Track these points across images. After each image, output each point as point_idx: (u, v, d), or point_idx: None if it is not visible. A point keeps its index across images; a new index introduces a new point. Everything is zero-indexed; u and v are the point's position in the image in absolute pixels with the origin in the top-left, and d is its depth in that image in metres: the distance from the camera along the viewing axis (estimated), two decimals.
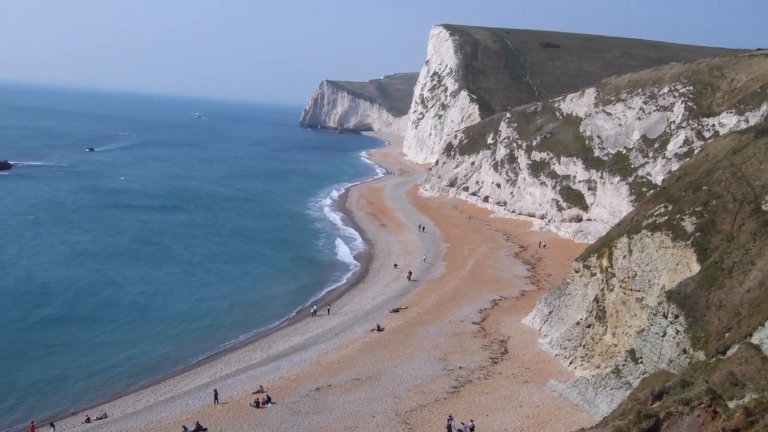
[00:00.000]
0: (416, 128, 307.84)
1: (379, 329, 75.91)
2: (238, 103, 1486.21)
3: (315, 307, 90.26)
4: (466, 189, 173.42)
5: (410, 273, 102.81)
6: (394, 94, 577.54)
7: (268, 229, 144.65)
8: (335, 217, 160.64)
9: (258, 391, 58.74)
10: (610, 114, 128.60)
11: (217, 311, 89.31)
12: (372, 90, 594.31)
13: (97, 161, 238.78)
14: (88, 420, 56.76)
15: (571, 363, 62.35)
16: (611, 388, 50.20)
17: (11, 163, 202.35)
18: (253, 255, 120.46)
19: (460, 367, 63.47)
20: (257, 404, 55.97)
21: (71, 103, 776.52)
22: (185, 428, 51.78)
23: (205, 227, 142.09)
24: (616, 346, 57.58)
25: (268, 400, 56.50)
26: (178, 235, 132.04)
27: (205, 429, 52.19)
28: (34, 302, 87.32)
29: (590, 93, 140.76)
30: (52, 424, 55.36)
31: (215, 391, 58.34)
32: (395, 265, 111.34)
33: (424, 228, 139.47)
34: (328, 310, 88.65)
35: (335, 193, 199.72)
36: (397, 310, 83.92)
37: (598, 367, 57.85)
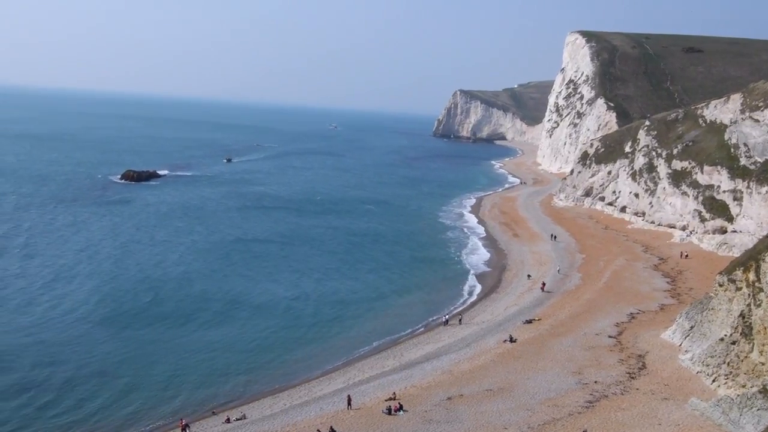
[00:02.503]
0: (551, 137, 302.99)
1: (511, 340, 75.13)
2: (373, 113, 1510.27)
3: (447, 316, 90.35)
4: (603, 199, 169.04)
5: (544, 284, 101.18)
6: (528, 103, 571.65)
7: (402, 236, 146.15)
8: (468, 226, 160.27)
9: (390, 398, 59.29)
10: (757, 121, 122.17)
11: (351, 317, 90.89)
12: (505, 99, 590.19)
13: (236, 171, 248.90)
14: (228, 420, 58.93)
15: (714, 381, 59.59)
16: (758, 409, 47.68)
17: (160, 173, 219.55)
18: (386, 262, 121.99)
19: (596, 382, 61.83)
20: (389, 411, 56.48)
21: (215, 115, 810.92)
22: None
23: (340, 233, 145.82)
24: (764, 364, 54.62)
25: (400, 407, 56.93)
26: (315, 241, 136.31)
27: None
28: (189, 304, 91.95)
29: (736, 99, 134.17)
30: (188, 425, 57.65)
31: (348, 396, 59.36)
32: (528, 276, 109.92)
33: (555, 237, 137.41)
34: (460, 319, 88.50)
35: (468, 203, 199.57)
36: (530, 321, 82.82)
37: (743, 386, 54.99)
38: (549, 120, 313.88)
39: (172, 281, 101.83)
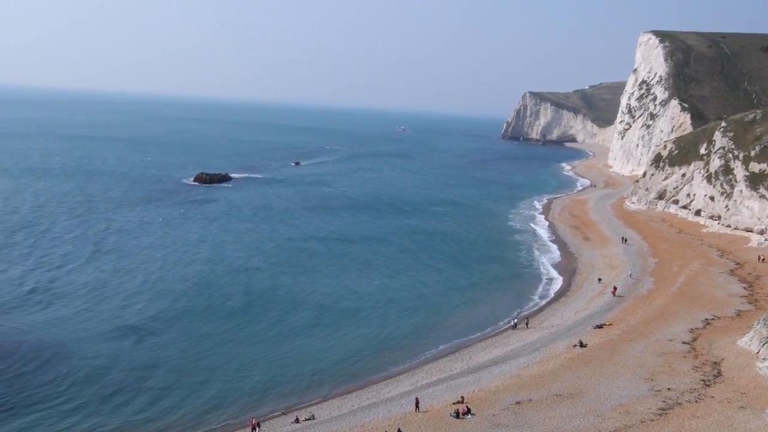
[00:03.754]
0: (622, 139, 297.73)
1: (581, 345, 74.13)
2: (441, 116, 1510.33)
3: (515, 319, 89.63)
4: (676, 202, 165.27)
5: (615, 288, 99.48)
6: (599, 104, 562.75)
7: (470, 238, 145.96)
8: (537, 229, 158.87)
9: (458, 402, 59.12)
10: None
11: (418, 320, 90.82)
12: (576, 100, 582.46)
13: (306, 174, 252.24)
14: (297, 420, 59.62)
15: None
16: None
17: (231, 176, 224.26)
18: (453, 264, 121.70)
19: (669, 389, 60.50)
20: (457, 415, 56.33)
21: (284, 118, 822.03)
22: None
23: (408, 234, 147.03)
24: None
25: (468, 411, 56.73)
26: (384, 241, 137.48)
27: None
28: (260, 304, 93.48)
29: None
30: (258, 423, 58.41)
31: (416, 399, 59.40)
32: (599, 280, 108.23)
33: (626, 240, 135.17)
34: (527, 323, 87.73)
35: (537, 205, 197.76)
36: (600, 326, 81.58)
37: None
38: (621, 121, 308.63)
39: (244, 281, 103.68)
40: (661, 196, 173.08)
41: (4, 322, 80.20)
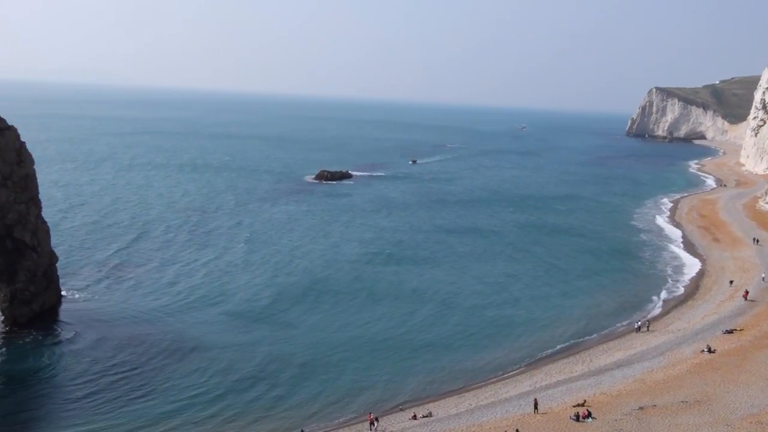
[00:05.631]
0: (756, 136, 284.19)
1: (709, 350, 71.23)
2: (562, 113, 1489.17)
3: (639, 322, 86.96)
4: None
5: (747, 292, 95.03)
6: (730, 100, 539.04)
7: (592, 236, 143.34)
8: (663, 229, 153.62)
9: (579, 405, 57.89)
10: None
11: (537, 319, 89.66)
12: (705, 96, 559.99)
13: (424, 172, 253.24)
14: (414, 417, 59.84)
15: None
16: None
17: (352, 173, 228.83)
18: (574, 262, 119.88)
19: None
20: (577, 418, 55.16)
21: (407, 116, 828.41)
22: None
23: (532, 231, 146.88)
24: None
25: (589, 414, 55.45)
26: (505, 236, 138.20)
27: None
28: (381, 298, 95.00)
29: None
30: (376, 419, 58.82)
31: (535, 400, 58.52)
32: (731, 282, 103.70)
33: (758, 241, 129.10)
34: (648, 326, 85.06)
35: (663, 204, 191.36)
36: (730, 332, 78.14)
37: None
38: (754, 117, 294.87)
39: (371, 276, 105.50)
40: None
41: (149, 315, 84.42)
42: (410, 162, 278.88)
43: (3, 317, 78.48)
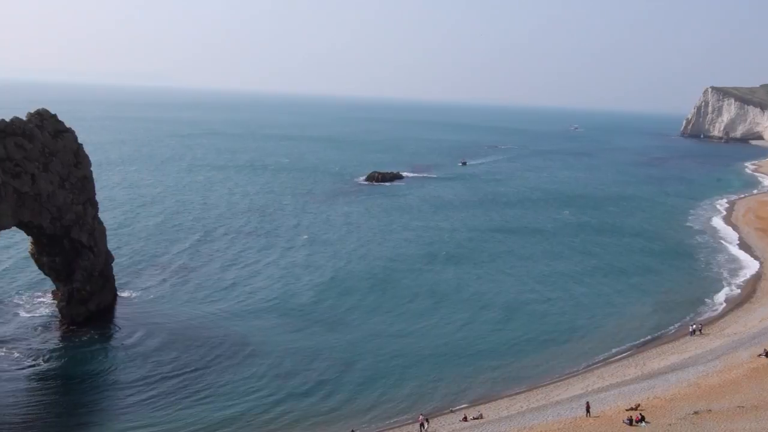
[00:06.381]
0: None
1: (767, 355, 69.78)
2: (615, 113, 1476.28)
3: (694, 325, 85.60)
4: None
5: None
6: None
7: (646, 237, 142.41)
8: (719, 230, 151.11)
9: (632, 408, 57.21)
10: None
11: (590, 321, 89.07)
12: (763, 95, 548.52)
13: (475, 173, 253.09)
14: (465, 419, 59.82)
15: None
16: None
17: (403, 174, 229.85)
18: (627, 263, 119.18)
19: None
20: (630, 422, 54.51)
21: (456, 117, 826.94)
22: None
23: (586, 231, 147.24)
24: None
25: (642, 418, 54.76)
26: (563, 238, 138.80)
27: None
28: (435, 299, 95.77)
29: None
30: (427, 419, 58.94)
31: (587, 403, 58.00)
32: None
33: None
34: (700, 329, 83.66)
35: (719, 206, 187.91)
36: None
37: None
38: None
39: (429, 278, 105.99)
40: None
41: (211, 316, 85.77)
42: (460, 164, 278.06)
43: (60, 316, 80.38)
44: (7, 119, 76.36)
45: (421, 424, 58.01)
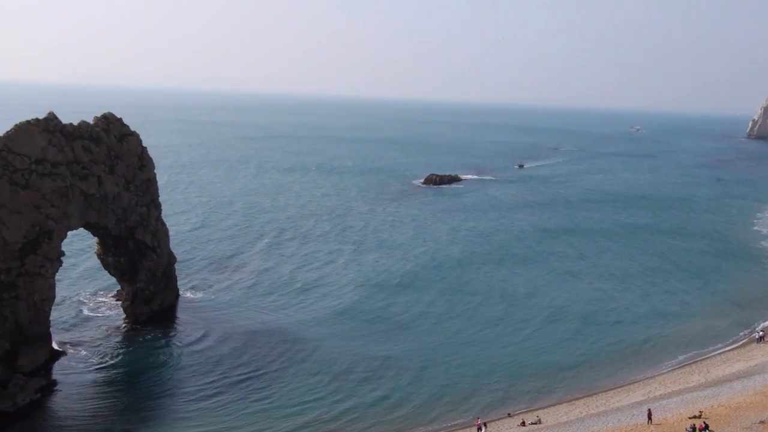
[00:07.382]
0: None
1: None
2: (677, 114, 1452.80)
3: (761, 332, 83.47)
4: None
5: None
6: None
7: (710, 241, 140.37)
8: None
9: (695, 416, 56.01)
10: None
11: (654, 327, 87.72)
12: None
13: (535, 176, 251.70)
14: (523, 424, 59.38)
15: None
16: None
17: (461, 177, 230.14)
18: (693, 269, 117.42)
19: None
20: (693, 430, 53.35)
21: (514, 119, 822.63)
22: None
23: (651, 234, 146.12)
24: None
25: (706, 427, 53.54)
26: (623, 238, 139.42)
27: None
28: (499, 302, 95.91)
29: None
30: (484, 424, 58.65)
31: (649, 410, 56.97)
32: None
33: None
34: (763, 336, 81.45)
35: None
36: None
37: None
38: None
39: (498, 284, 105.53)
40: None
41: (267, 316, 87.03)
42: (516, 167, 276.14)
43: (125, 315, 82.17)
44: (75, 123, 78.36)
45: (479, 428, 57.82)
